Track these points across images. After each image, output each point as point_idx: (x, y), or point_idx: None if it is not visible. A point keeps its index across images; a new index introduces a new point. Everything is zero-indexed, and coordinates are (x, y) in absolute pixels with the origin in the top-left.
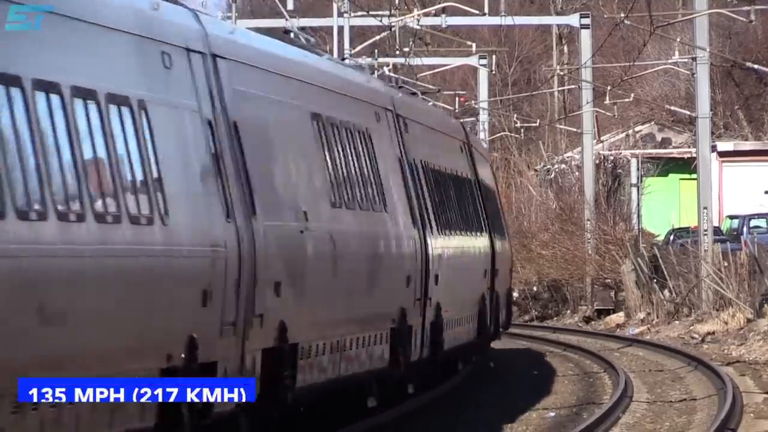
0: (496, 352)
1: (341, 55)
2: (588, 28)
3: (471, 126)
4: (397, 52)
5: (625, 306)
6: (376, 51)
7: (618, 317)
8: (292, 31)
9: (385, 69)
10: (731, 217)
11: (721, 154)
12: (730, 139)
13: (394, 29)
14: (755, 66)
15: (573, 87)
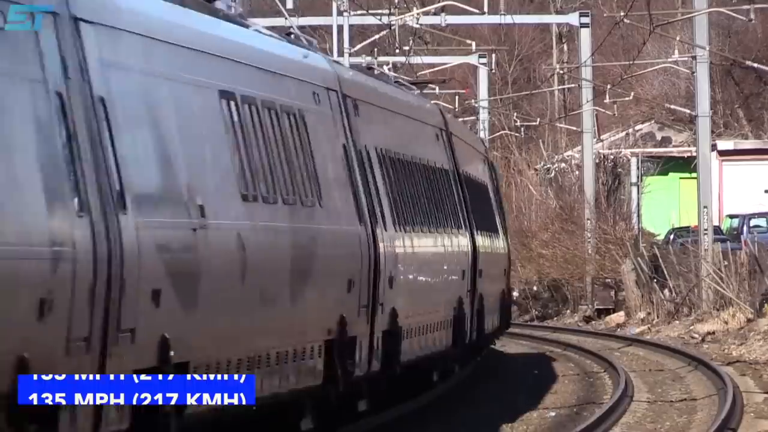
0: (496, 352)
1: (341, 54)
2: (588, 27)
3: (471, 124)
4: (397, 51)
5: (625, 306)
6: (376, 50)
7: (618, 317)
8: None
9: (385, 68)
10: (731, 216)
11: (721, 153)
12: (730, 138)
13: (393, 28)
14: (755, 65)
15: (573, 86)
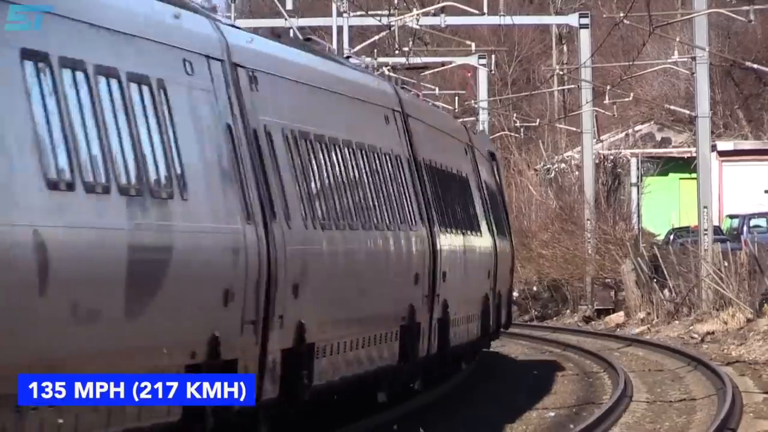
0: (496, 351)
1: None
2: (587, 28)
3: (471, 125)
4: (397, 52)
5: (625, 306)
6: (376, 51)
7: (618, 317)
8: None
9: (385, 69)
10: (731, 216)
11: (721, 154)
12: (729, 139)
13: (393, 29)
14: (754, 65)
15: (572, 86)
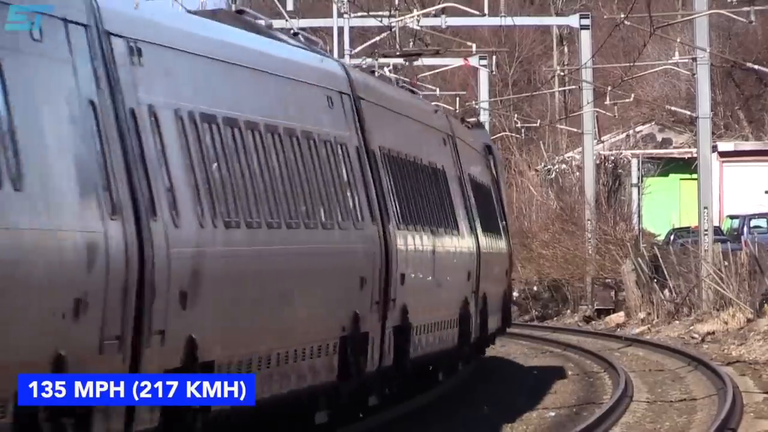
0: (496, 351)
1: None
2: (588, 29)
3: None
4: (397, 53)
5: (625, 306)
6: (376, 51)
7: (618, 317)
8: None
9: (386, 69)
10: (732, 217)
11: (722, 155)
12: (730, 140)
13: (394, 30)
14: (755, 66)
15: (573, 87)
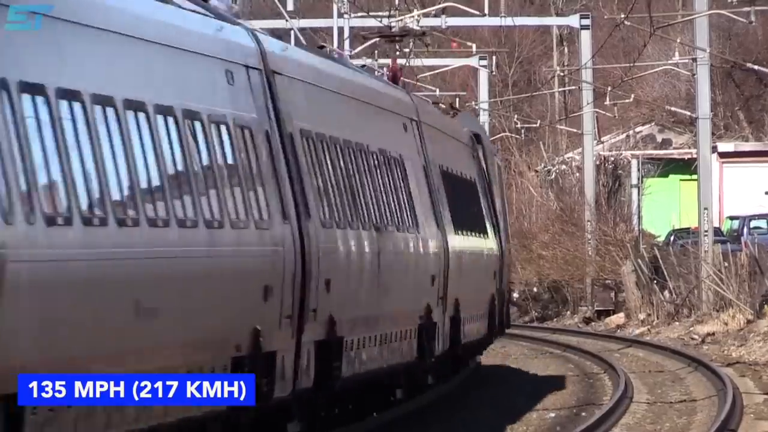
0: (496, 352)
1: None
2: (588, 29)
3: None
4: (397, 53)
5: (625, 307)
6: (376, 52)
7: (618, 318)
8: None
9: (385, 70)
10: (732, 217)
11: (722, 155)
12: (730, 140)
13: (393, 30)
14: (755, 67)
15: (573, 88)
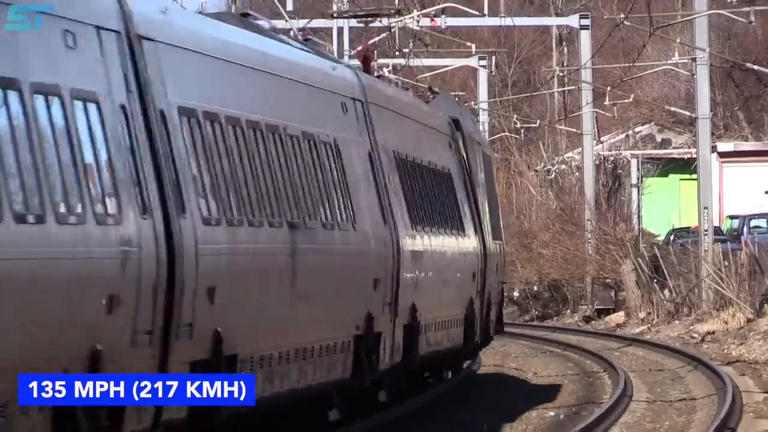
0: (495, 351)
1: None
2: (587, 29)
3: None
4: (397, 53)
5: (625, 306)
6: (376, 52)
7: (618, 317)
8: None
9: (385, 70)
10: (731, 217)
11: (722, 155)
12: (730, 140)
13: (393, 30)
14: (755, 67)
15: (573, 88)
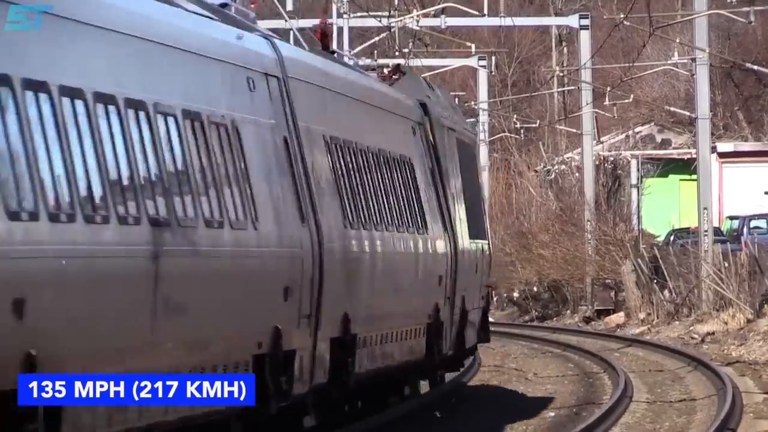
0: (495, 351)
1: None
2: (587, 29)
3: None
4: (397, 53)
5: (625, 306)
6: (376, 52)
7: (618, 317)
8: None
9: (385, 70)
10: (731, 217)
11: (721, 155)
12: (729, 140)
13: (393, 30)
14: (755, 67)
15: (573, 88)
